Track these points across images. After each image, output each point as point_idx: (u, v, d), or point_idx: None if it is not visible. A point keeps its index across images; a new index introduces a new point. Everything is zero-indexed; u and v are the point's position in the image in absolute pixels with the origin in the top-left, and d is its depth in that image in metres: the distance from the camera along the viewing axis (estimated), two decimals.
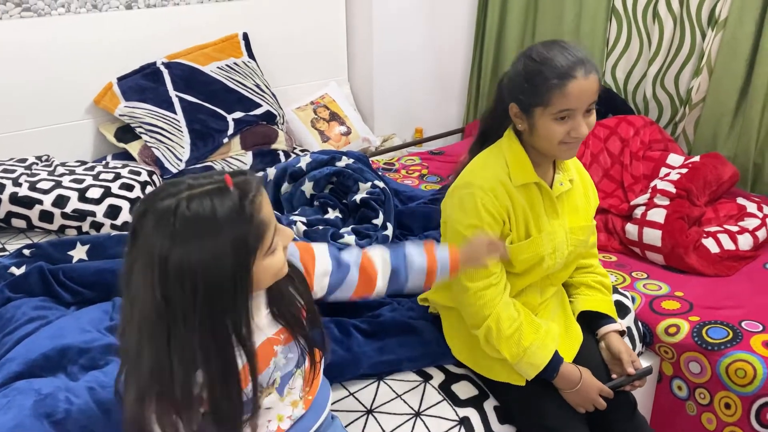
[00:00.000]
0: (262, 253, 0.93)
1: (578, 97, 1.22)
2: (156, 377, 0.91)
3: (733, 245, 2.03)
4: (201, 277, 0.87)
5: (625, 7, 2.76)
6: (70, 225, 2.02)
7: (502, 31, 3.22)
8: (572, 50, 1.24)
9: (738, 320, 1.72)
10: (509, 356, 1.33)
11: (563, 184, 1.39)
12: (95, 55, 2.52)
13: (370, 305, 1.65)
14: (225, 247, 0.88)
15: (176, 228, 0.87)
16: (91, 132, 2.60)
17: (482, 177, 1.33)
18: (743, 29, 2.37)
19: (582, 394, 1.35)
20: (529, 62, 1.27)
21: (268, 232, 0.94)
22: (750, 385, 1.57)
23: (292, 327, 1.06)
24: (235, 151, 2.64)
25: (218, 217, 0.88)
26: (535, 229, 1.36)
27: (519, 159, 1.34)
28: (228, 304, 0.91)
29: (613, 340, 1.46)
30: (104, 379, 1.24)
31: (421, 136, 3.41)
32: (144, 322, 0.90)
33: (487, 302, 1.32)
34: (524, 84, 1.26)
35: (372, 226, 2.01)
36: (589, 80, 1.23)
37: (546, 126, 1.26)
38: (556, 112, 1.24)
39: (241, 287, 0.92)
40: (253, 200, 0.92)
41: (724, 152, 2.51)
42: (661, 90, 2.72)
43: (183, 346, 0.90)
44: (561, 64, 1.22)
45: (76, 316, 1.49)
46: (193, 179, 0.92)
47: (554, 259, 1.39)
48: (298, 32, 3.03)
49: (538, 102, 1.25)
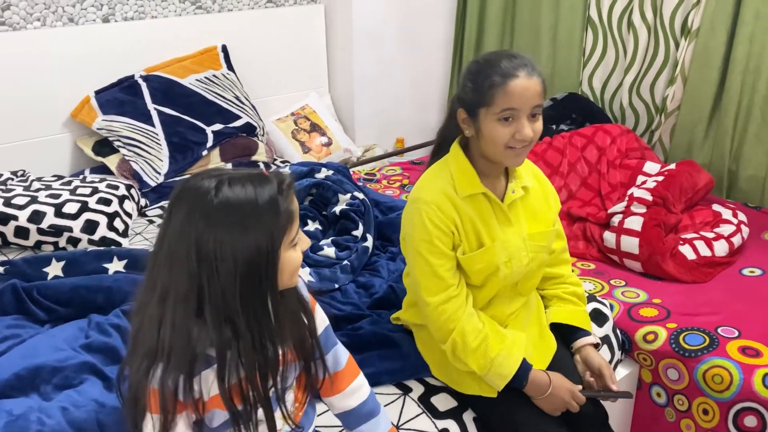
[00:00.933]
0: (287, 241, 0.98)
1: (521, 95, 1.23)
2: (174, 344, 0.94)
3: (710, 252, 2.06)
4: (239, 255, 0.92)
5: (600, 18, 2.79)
6: (46, 241, 2.00)
7: (480, 41, 3.25)
8: (518, 56, 1.27)
9: (714, 326, 1.74)
10: (477, 368, 1.33)
11: (515, 191, 1.39)
12: (72, 69, 2.50)
13: (350, 318, 1.65)
14: (263, 228, 0.94)
15: (215, 206, 0.92)
16: (69, 146, 2.57)
17: (427, 191, 1.34)
18: (715, 38, 2.41)
19: (553, 399, 1.35)
20: (473, 65, 1.30)
21: (295, 221, 0.99)
22: (727, 391, 1.59)
23: (297, 346, 1.07)
24: (214, 164, 2.63)
25: (259, 200, 0.94)
26: (488, 238, 1.36)
27: (464, 170, 1.35)
28: (264, 284, 0.95)
29: (591, 353, 1.46)
30: (78, 399, 1.22)
31: (402, 146, 3.42)
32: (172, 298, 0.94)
33: (450, 316, 1.32)
34: (468, 85, 1.29)
35: (352, 238, 2.01)
36: (532, 81, 1.24)
37: (490, 128, 1.27)
38: (499, 112, 1.25)
39: (273, 271, 0.96)
40: (288, 189, 0.98)
41: (700, 159, 2.55)
42: (637, 99, 2.76)
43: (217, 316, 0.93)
44: (504, 65, 1.24)
45: (51, 334, 1.47)
46: (233, 169, 0.99)
47: (510, 268, 1.38)
48: (277, 44, 3.03)
49: (482, 102, 1.26)
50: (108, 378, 1.35)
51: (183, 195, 0.95)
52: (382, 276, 1.90)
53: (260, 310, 0.97)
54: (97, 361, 1.38)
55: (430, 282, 1.33)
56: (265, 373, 0.99)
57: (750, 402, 1.56)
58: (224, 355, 0.95)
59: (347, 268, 1.89)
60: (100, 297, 1.62)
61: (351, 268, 1.90)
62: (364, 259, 1.95)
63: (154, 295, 0.96)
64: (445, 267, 1.33)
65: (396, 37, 3.28)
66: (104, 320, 1.53)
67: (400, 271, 1.88)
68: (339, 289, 1.84)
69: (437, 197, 1.32)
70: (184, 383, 0.95)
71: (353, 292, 1.83)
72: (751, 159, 2.45)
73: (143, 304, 0.98)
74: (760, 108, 2.37)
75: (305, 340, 1.08)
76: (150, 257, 0.98)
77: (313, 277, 1.83)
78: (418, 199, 1.34)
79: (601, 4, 2.77)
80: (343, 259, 1.93)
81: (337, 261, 1.92)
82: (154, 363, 0.95)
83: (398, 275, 1.85)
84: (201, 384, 0.98)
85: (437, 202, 1.32)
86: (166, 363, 0.94)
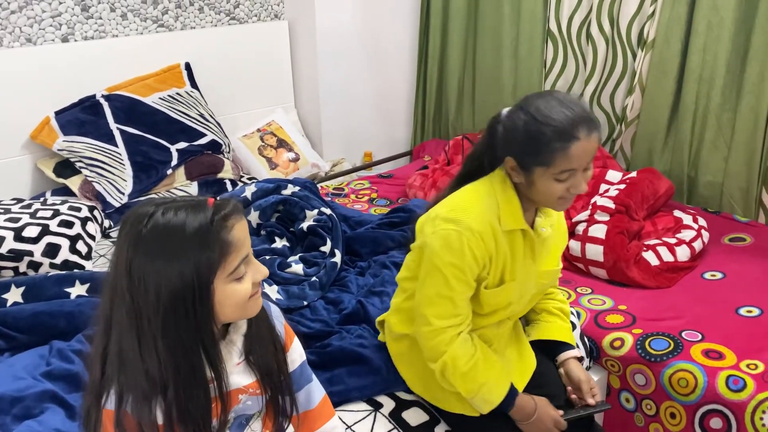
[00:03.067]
0: (224, 274, 0.93)
1: (580, 157, 1.21)
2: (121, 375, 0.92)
3: (672, 257, 2.10)
4: (162, 285, 0.89)
5: (560, 30, 2.85)
6: (5, 266, 1.94)
7: (444, 54, 3.28)
8: (571, 105, 1.22)
9: (678, 331, 1.77)
10: (464, 392, 1.33)
11: (545, 229, 1.38)
12: (31, 90, 2.46)
13: (319, 335, 1.64)
14: (188, 259, 0.90)
15: (143, 234, 0.90)
16: (29, 168, 2.52)
17: (473, 217, 1.28)
18: (670, 49, 2.48)
19: (537, 426, 1.36)
20: (529, 120, 1.23)
21: (233, 254, 0.94)
22: (692, 394, 1.62)
23: (263, 378, 1.05)
24: (179, 182, 2.60)
25: (186, 229, 0.90)
26: (509, 275, 1.34)
27: (511, 204, 1.31)
28: (190, 316, 0.92)
29: (573, 367, 1.48)
30: (39, 429, 1.19)
31: (370, 160, 3.43)
32: (117, 324, 0.92)
33: (445, 339, 1.31)
34: (525, 142, 1.24)
35: (320, 254, 2.01)
36: (591, 140, 1.21)
37: (546, 184, 1.25)
38: (558, 173, 1.23)
39: (202, 303, 0.92)
40: (225, 218, 0.94)
41: (660, 167, 2.61)
42: (598, 108, 2.82)
43: (149, 346, 0.91)
44: (563, 123, 1.20)
45: (9, 363, 1.43)
46: (182, 197, 0.97)
47: (520, 305, 1.40)
48: (242, 60, 3.03)
49: (540, 162, 1.23)
50: (70, 406, 1.32)
51: (125, 221, 0.93)
52: (351, 291, 1.89)
53: (189, 346, 0.93)
54: (59, 389, 1.35)
55: (442, 304, 1.30)
56: (198, 413, 0.95)
57: (715, 404, 1.59)
58: (165, 392, 0.92)
59: (316, 285, 1.88)
60: (62, 322, 1.59)
61: (319, 284, 1.89)
62: (333, 275, 1.95)
63: (99, 323, 0.94)
64: (463, 295, 1.30)
65: (360, 51, 3.30)
66: (66, 346, 1.49)
67: (369, 286, 1.88)
68: (308, 306, 1.83)
69: (483, 227, 1.27)
70: (142, 408, 0.93)
71: (322, 308, 1.82)
72: (708, 165, 2.52)
73: (94, 332, 0.96)
74: (716, 116, 2.44)
75: (272, 373, 1.06)
76: (102, 284, 0.96)
77: (281, 294, 1.82)
78: (461, 222, 1.27)
79: (560, 17, 2.83)
80: (312, 275, 1.92)
81: (306, 277, 1.91)
82: (102, 392, 0.94)
83: (367, 290, 1.84)
84: (153, 407, 0.95)
85: (483, 232, 1.27)
86: (119, 393, 0.92)
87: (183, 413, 0.94)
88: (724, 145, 2.45)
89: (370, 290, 1.83)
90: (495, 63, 3.09)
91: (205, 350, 0.95)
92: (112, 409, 0.94)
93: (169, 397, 0.93)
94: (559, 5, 2.81)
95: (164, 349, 0.91)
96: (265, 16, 3.16)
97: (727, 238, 2.28)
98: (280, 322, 1.13)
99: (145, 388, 0.92)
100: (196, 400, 0.94)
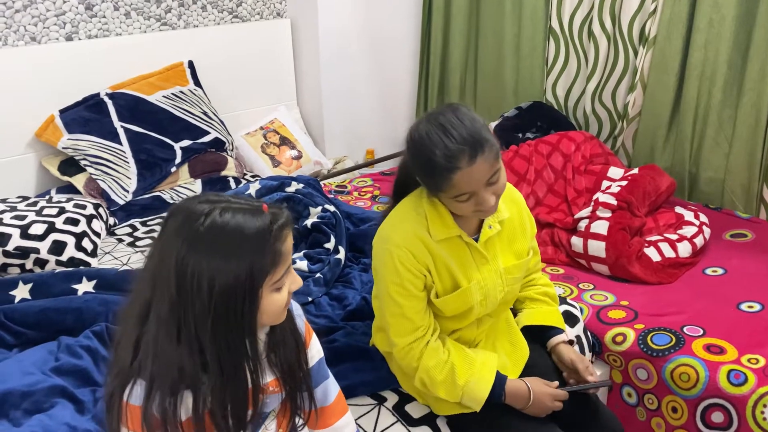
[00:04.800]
0: (270, 282, 0.95)
1: (468, 182, 1.20)
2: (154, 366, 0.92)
3: (674, 253, 2.11)
4: (216, 283, 0.90)
5: (561, 27, 2.86)
6: (12, 263, 1.96)
7: (445, 51, 3.29)
8: (453, 131, 1.18)
9: (680, 326, 1.79)
10: (449, 398, 1.34)
11: (492, 227, 1.36)
12: (35, 88, 2.47)
13: (324, 331, 1.66)
14: (244, 261, 0.91)
15: (200, 231, 0.90)
16: (34, 166, 2.54)
17: (399, 232, 1.31)
18: (671, 46, 2.49)
19: (536, 407, 1.36)
20: (415, 152, 1.24)
21: (282, 264, 0.96)
22: (694, 389, 1.63)
23: (285, 377, 1.07)
24: (183, 180, 2.62)
25: (245, 231, 0.91)
26: (464, 279, 1.34)
27: (438, 213, 1.32)
28: (239, 316, 0.93)
29: (564, 350, 1.48)
30: (49, 423, 1.21)
31: (372, 158, 3.44)
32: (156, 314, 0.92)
33: (415, 355, 1.33)
34: (418, 168, 1.26)
35: (324, 251, 2.02)
36: (476, 165, 1.18)
37: (451, 204, 1.26)
38: (455, 196, 1.23)
39: (252, 305, 0.93)
40: (281, 228, 0.95)
41: (661, 163, 2.62)
42: (600, 106, 2.83)
43: (189, 340, 0.92)
44: (442, 155, 1.18)
45: (19, 358, 1.44)
46: (234, 197, 0.97)
47: (485, 306, 1.38)
48: (244, 59, 3.04)
49: (434, 187, 1.24)
50: (79, 401, 1.33)
51: (176, 214, 0.94)
52: (355, 288, 1.90)
53: (234, 345, 0.94)
54: (68, 384, 1.37)
55: (399, 323, 1.32)
56: (237, 407, 0.97)
57: (716, 398, 1.60)
58: (197, 386, 0.94)
59: (320, 281, 1.90)
60: (70, 318, 1.60)
61: (324, 280, 1.91)
62: (337, 272, 1.96)
63: (134, 309, 0.95)
64: (415, 309, 1.32)
65: (363, 49, 3.31)
66: (74, 342, 1.51)
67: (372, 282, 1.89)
68: (312, 302, 1.84)
69: (409, 241, 1.29)
70: (169, 404, 0.93)
71: (327, 304, 1.83)
72: (710, 161, 2.53)
73: (126, 316, 0.97)
74: (717, 112, 2.45)
75: (295, 371, 1.08)
76: (138, 271, 0.97)
77: None
78: (389, 240, 1.30)
79: (561, 14, 2.83)
80: (316, 272, 1.93)
81: (310, 274, 1.92)
82: (130, 379, 0.94)
83: (371, 286, 1.86)
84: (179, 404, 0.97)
85: (409, 246, 1.29)
86: (150, 383, 0.93)
87: (222, 408, 0.95)
88: (726, 142, 2.46)
89: None
90: (497, 61, 3.10)
91: (249, 350, 0.96)
92: (138, 405, 0.94)
93: (204, 392, 0.94)
94: (560, 3, 2.81)
95: (210, 345, 0.92)
96: (268, 14, 3.17)
97: (729, 234, 2.30)
98: (301, 319, 1.14)
99: (175, 381, 0.93)
100: (235, 396, 0.96)
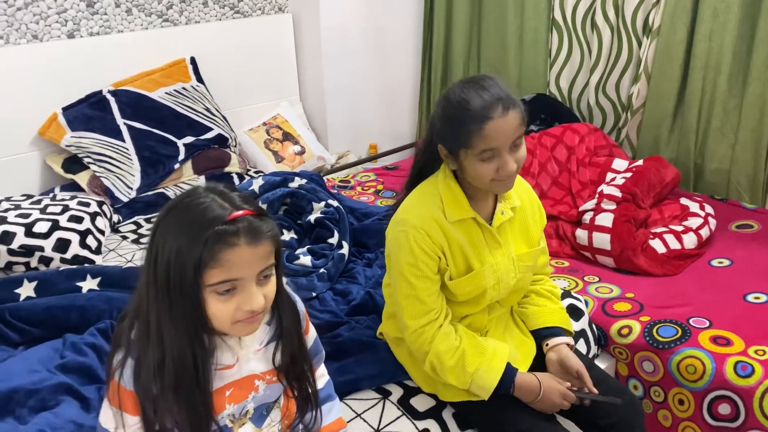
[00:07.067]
0: (208, 281, 0.93)
1: (497, 137, 1.22)
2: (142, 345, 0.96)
3: (679, 245, 2.10)
4: (165, 254, 0.92)
5: (564, 19, 2.84)
6: (17, 261, 1.96)
7: (448, 45, 3.28)
8: (489, 89, 1.23)
9: (686, 318, 1.78)
10: (458, 384, 1.34)
11: (504, 212, 1.38)
12: (38, 86, 2.47)
13: (328, 326, 1.65)
14: (183, 239, 0.92)
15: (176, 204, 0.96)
16: (37, 164, 2.54)
17: (415, 214, 1.33)
18: (675, 36, 2.47)
19: (545, 402, 1.36)
20: (447, 106, 1.27)
21: (219, 269, 0.92)
22: (700, 381, 1.62)
23: (286, 366, 1.08)
24: (187, 176, 2.62)
25: (202, 218, 0.93)
26: (477, 262, 1.35)
27: (453, 195, 1.34)
28: (186, 296, 0.93)
29: (570, 355, 1.43)
30: (55, 421, 1.21)
31: (375, 152, 3.44)
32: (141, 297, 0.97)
33: (427, 339, 1.33)
34: (446, 126, 1.27)
35: (327, 246, 2.02)
36: (508, 118, 1.22)
37: (473, 167, 1.27)
38: (479, 153, 1.24)
39: (194, 289, 0.93)
40: (231, 235, 0.92)
41: (666, 155, 2.61)
42: (604, 97, 2.81)
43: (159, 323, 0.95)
44: (477, 106, 1.22)
45: (24, 356, 1.45)
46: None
47: (498, 290, 1.39)
48: (246, 54, 3.03)
49: (460, 144, 1.25)
50: (85, 398, 1.33)
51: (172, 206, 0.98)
52: (359, 282, 1.90)
53: (182, 331, 0.94)
54: (73, 381, 1.37)
55: (412, 305, 1.33)
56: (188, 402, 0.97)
57: (723, 390, 1.59)
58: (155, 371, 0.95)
59: (324, 276, 1.90)
60: (74, 316, 1.60)
61: (328, 275, 1.90)
62: (341, 267, 1.96)
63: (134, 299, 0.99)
64: (428, 291, 1.33)
65: (365, 43, 3.30)
66: (79, 340, 1.51)
67: (377, 277, 1.89)
68: (316, 298, 1.84)
69: (425, 222, 1.31)
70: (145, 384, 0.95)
71: (331, 299, 1.83)
72: (715, 152, 2.51)
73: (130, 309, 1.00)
74: (722, 103, 2.43)
75: (296, 362, 1.09)
76: None
77: (289, 286, 1.83)
78: (405, 222, 1.32)
79: (564, 6, 2.82)
80: (320, 267, 1.93)
81: (314, 269, 1.92)
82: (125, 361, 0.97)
83: (375, 281, 1.86)
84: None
85: (425, 227, 1.31)
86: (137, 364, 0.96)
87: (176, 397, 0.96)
88: (731, 132, 2.45)
89: (377, 281, 1.85)
90: (500, 53, 3.09)
91: (195, 341, 0.96)
92: (131, 389, 0.96)
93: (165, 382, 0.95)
94: None
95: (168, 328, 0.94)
96: (269, 10, 3.16)
97: (734, 225, 2.28)
98: (301, 308, 1.17)
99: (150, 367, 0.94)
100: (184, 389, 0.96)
